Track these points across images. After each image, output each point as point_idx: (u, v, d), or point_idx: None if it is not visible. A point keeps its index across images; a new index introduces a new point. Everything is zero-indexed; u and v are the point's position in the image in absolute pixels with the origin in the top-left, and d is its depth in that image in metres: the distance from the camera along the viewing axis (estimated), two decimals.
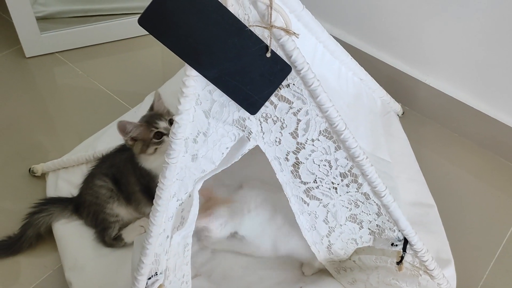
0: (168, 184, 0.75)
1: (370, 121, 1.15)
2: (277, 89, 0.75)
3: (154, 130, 1.04)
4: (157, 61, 1.78)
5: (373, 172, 0.81)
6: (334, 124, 0.77)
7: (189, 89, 0.71)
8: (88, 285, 1.05)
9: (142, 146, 1.04)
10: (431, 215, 1.15)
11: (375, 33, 1.52)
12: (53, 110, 1.58)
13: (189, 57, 0.69)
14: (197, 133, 0.76)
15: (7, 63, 1.69)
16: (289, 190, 0.88)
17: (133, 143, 1.06)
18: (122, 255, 1.10)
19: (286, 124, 0.80)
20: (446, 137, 1.49)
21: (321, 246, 0.96)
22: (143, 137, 1.05)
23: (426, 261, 0.90)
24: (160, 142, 1.04)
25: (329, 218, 0.92)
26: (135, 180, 1.11)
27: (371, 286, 0.97)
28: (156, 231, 0.78)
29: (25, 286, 1.11)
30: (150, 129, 1.04)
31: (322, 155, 0.83)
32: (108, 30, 1.76)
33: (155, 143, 1.04)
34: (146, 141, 1.04)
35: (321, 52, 1.02)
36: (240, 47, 0.70)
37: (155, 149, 1.04)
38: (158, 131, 1.04)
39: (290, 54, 0.71)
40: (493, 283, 1.16)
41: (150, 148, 1.04)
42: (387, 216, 0.87)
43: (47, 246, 1.18)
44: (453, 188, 1.35)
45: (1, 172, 1.36)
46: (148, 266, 0.79)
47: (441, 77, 1.44)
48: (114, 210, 1.13)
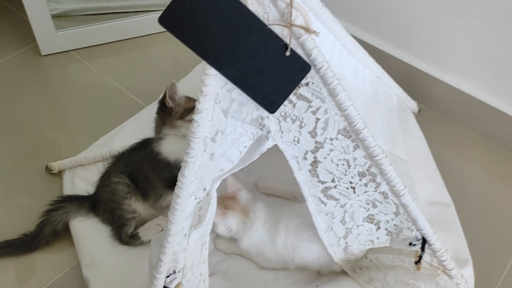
0: (187, 182, 0.75)
1: (387, 119, 1.14)
2: (296, 88, 0.75)
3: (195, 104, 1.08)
4: (170, 59, 1.78)
5: (392, 171, 0.81)
6: (353, 123, 0.76)
7: (208, 88, 0.70)
8: (105, 282, 1.06)
9: (184, 111, 1.08)
10: (448, 214, 1.14)
11: (391, 31, 1.51)
12: (67, 108, 1.59)
13: (209, 56, 0.69)
14: (216, 132, 0.76)
15: (23, 61, 1.71)
16: (307, 189, 0.88)
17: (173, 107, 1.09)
18: (139, 252, 1.10)
19: (305, 123, 0.79)
20: (463, 135, 1.48)
21: (338, 248, 0.96)
22: (186, 105, 1.09)
23: (445, 261, 0.90)
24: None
25: (346, 219, 0.91)
26: (156, 176, 1.12)
27: (389, 285, 0.96)
28: (175, 230, 0.78)
29: (43, 283, 1.13)
30: (192, 101, 1.09)
31: (340, 154, 0.82)
32: (122, 28, 1.77)
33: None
34: (188, 108, 1.09)
35: (339, 51, 1.01)
36: (259, 46, 0.69)
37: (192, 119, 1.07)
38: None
39: (309, 53, 0.70)
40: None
41: (189, 116, 1.07)
42: (405, 215, 0.87)
43: (64, 244, 1.19)
44: (470, 187, 1.34)
45: (17, 169, 1.38)
46: (166, 265, 0.79)
47: (458, 75, 1.42)
48: (131, 206, 1.14)
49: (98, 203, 1.18)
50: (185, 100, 1.10)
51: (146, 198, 1.16)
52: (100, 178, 1.20)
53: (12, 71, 1.67)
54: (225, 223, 1.04)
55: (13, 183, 1.34)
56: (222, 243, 1.12)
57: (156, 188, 1.14)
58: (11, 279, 1.14)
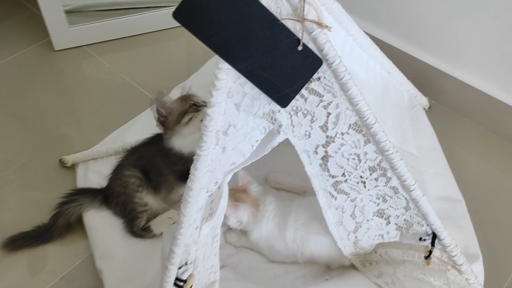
0: (199, 175, 0.76)
1: (398, 115, 1.14)
2: (307, 82, 0.75)
3: (191, 102, 1.09)
4: (182, 54, 1.80)
5: (402, 166, 0.81)
6: (365, 117, 0.77)
7: (221, 82, 0.71)
8: (118, 273, 1.07)
9: (178, 116, 1.08)
10: (459, 210, 1.14)
11: (402, 26, 1.50)
12: (80, 102, 1.61)
13: (222, 50, 0.70)
14: (228, 125, 0.77)
15: (36, 56, 1.73)
16: (317, 183, 0.88)
17: (168, 115, 1.09)
18: (151, 244, 1.12)
19: (316, 117, 0.80)
20: (474, 131, 1.47)
21: (348, 242, 0.97)
22: (179, 109, 1.09)
23: (455, 256, 0.90)
24: (196, 110, 1.08)
25: (356, 213, 0.92)
26: (168, 169, 1.13)
27: (398, 280, 0.97)
28: (187, 222, 0.79)
29: (57, 274, 1.15)
30: (187, 102, 1.09)
31: (351, 148, 0.83)
32: (134, 23, 1.79)
33: (192, 111, 1.08)
34: (181, 112, 1.08)
35: (350, 46, 1.01)
36: (272, 40, 0.70)
37: (189, 118, 1.08)
38: (195, 103, 1.09)
39: (322, 47, 0.71)
40: None
41: (186, 117, 1.08)
42: (415, 210, 0.87)
43: (77, 236, 1.21)
44: (480, 183, 1.33)
45: (31, 162, 1.40)
46: (178, 256, 0.80)
47: (469, 71, 1.42)
48: (143, 199, 1.16)
49: (110, 196, 1.20)
50: (178, 103, 1.10)
51: (158, 191, 1.17)
52: (113, 172, 1.22)
53: (26, 66, 1.69)
54: (236, 215, 1.05)
55: (27, 176, 1.36)
56: (233, 237, 1.13)
57: (168, 181, 1.15)
58: (26, 270, 1.16)
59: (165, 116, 1.09)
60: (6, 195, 1.32)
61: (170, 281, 0.81)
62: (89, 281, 1.13)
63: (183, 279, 0.82)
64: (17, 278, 1.14)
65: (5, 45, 1.76)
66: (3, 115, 1.54)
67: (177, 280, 0.82)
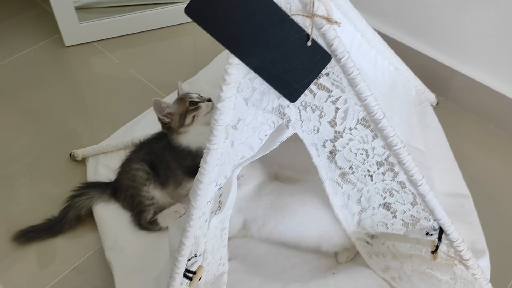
0: (209, 169, 0.77)
1: (405, 111, 1.15)
2: (316, 77, 0.76)
3: (188, 100, 1.11)
4: (190, 50, 1.81)
5: (410, 161, 0.82)
6: (373, 112, 0.77)
7: (231, 77, 0.72)
8: (127, 264, 1.09)
9: (180, 118, 1.10)
10: (466, 205, 1.14)
11: (410, 22, 1.50)
12: (89, 97, 1.63)
13: (232, 46, 0.71)
14: (238, 120, 0.78)
15: (47, 52, 1.75)
16: (324, 173, 0.90)
17: (170, 120, 1.11)
18: (159, 237, 1.14)
19: (324, 112, 0.81)
20: (481, 128, 1.47)
21: (352, 222, 0.98)
22: (179, 111, 1.11)
23: (462, 251, 0.90)
24: (197, 109, 1.10)
25: (362, 201, 0.93)
26: (176, 164, 1.15)
27: (405, 274, 0.98)
28: (197, 214, 0.80)
29: (68, 265, 1.17)
30: (184, 102, 1.11)
31: (359, 143, 0.84)
32: (143, 19, 1.80)
33: (192, 109, 1.10)
34: (182, 114, 1.10)
35: (358, 41, 1.02)
36: (281, 36, 0.71)
37: (192, 117, 1.10)
38: (192, 101, 1.11)
39: (331, 43, 0.72)
40: None
41: (188, 118, 1.10)
42: (422, 205, 0.88)
43: (87, 228, 1.23)
44: (489, 179, 1.34)
45: (41, 156, 1.42)
46: (188, 248, 0.82)
47: (478, 67, 1.41)
48: (150, 193, 1.17)
49: (119, 189, 1.22)
50: (176, 106, 1.12)
51: (165, 186, 1.19)
52: (121, 165, 1.24)
53: (37, 62, 1.71)
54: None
55: (37, 170, 1.38)
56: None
57: (175, 176, 1.17)
58: (38, 261, 1.18)
59: (167, 122, 1.12)
60: (16, 189, 1.34)
61: (180, 272, 0.83)
62: (99, 272, 1.14)
63: (193, 271, 0.84)
64: (29, 269, 1.17)
65: (17, 41, 1.78)
66: (15, 109, 1.56)
67: (186, 271, 0.83)
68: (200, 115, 1.11)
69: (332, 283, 0.99)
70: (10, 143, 1.46)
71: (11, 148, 1.44)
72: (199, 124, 1.11)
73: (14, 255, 1.19)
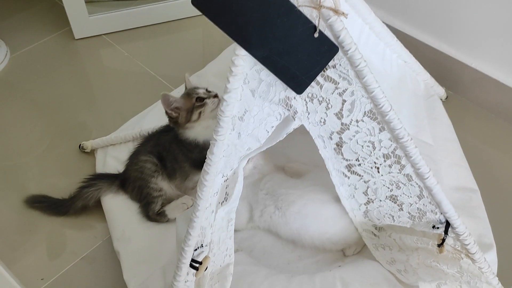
0: (216, 160, 0.78)
1: (414, 104, 1.14)
2: (323, 69, 0.76)
3: (195, 97, 1.12)
4: (198, 43, 1.82)
5: (417, 154, 0.81)
6: (380, 105, 0.77)
7: (238, 68, 0.73)
8: (134, 254, 1.11)
9: (187, 114, 1.11)
10: (474, 200, 1.13)
11: (420, 16, 1.49)
12: (98, 90, 1.64)
13: (239, 37, 0.71)
14: (244, 111, 0.78)
15: (57, 44, 1.77)
16: (331, 164, 0.90)
17: (177, 115, 1.12)
18: (166, 228, 1.15)
19: (331, 104, 0.81)
20: (491, 122, 1.46)
21: (358, 212, 0.98)
22: (186, 106, 1.11)
23: (468, 245, 0.90)
24: (203, 105, 1.11)
25: (369, 192, 0.93)
26: (183, 157, 1.16)
27: (411, 267, 0.98)
28: (203, 205, 0.81)
29: (78, 255, 1.19)
30: (191, 97, 1.12)
31: (366, 136, 0.83)
32: (152, 13, 1.81)
33: (198, 106, 1.11)
34: (189, 109, 1.11)
35: (366, 34, 1.02)
36: (288, 27, 0.71)
37: (199, 113, 1.11)
38: (198, 97, 1.12)
39: (338, 35, 0.72)
40: None
41: (195, 114, 1.11)
42: (429, 198, 0.87)
43: (97, 219, 1.25)
44: (497, 174, 1.33)
45: (51, 148, 1.44)
46: (195, 238, 0.82)
47: (488, 61, 1.40)
48: (158, 184, 1.18)
49: (127, 181, 1.23)
50: (183, 102, 1.12)
51: (173, 178, 1.20)
52: (130, 157, 1.25)
53: (47, 54, 1.73)
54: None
55: (47, 162, 1.40)
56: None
57: (183, 168, 1.17)
58: (47, 251, 1.21)
59: (175, 116, 1.12)
60: (27, 181, 1.36)
61: (186, 262, 0.84)
62: (108, 262, 1.16)
63: (199, 261, 0.85)
64: (40, 260, 1.19)
65: (28, 34, 1.80)
66: (25, 101, 1.58)
67: (193, 261, 0.84)
68: (207, 111, 1.11)
69: (338, 275, 0.99)
70: (21, 135, 1.48)
71: (22, 140, 1.47)
72: (205, 121, 1.12)
73: (27, 244, 1.21)
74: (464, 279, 0.92)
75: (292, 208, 1.06)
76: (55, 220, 1.26)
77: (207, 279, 0.91)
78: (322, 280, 0.98)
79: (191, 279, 0.88)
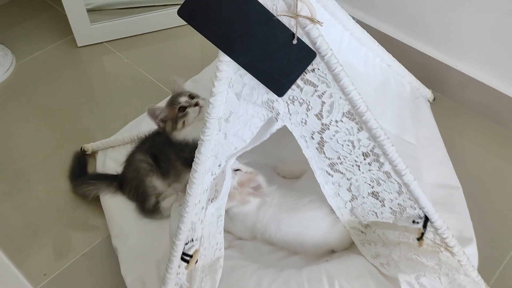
0: (203, 159, 0.83)
1: (397, 106, 1.18)
2: (303, 73, 0.81)
3: (177, 107, 1.17)
4: (196, 50, 1.87)
5: (393, 152, 0.86)
6: (357, 106, 0.82)
7: (222, 73, 0.78)
8: (131, 250, 1.16)
9: (172, 124, 1.17)
10: (455, 196, 1.17)
11: (406, 20, 1.53)
12: (101, 95, 1.70)
13: (223, 44, 0.77)
14: (229, 113, 0.83)
15: (60, 52, 1.84)
16: (314, 163, 0.94)
17: (164, 125, 1.18)
18: (161, 225, 1.20)
19: (311, 106, 0.86)
20: (477, 123, 1.50)
21: (345, 210, 1.02)
22: (171, 116, 1.18)
23: (446, 238, 0.94)
24: (184, 115, 1.16)
25: (352, 189, 0.97)
26: (175, 156, 1.21)
27: (393, 260, 1.02)
28: (192, 201, 0.86)
29: (78, 252, 1.24)
30: (173, 107, 1.17)
31: (345, 135, 0.88)
32: (152, 20, 1.87)
33: (181, 116, 1.16)
34: (173, 119, 1.17)
35: (347, 39, 1.06)
36: (268, 35, 0.76)
37: (182, 122, 1.17)
38: (180, 106, 1.17)
39: (314, 41, 0.77)
40: None
41: (179, 123, 1.17)
42: (408, 194, 0.92)
43: (97, 218, 1.30)
44: (484, 172, 1.37)
45: (56, 151, 1.49)
46: (185, 233, 0.88)
47: (473, 64, 1.44)
48: (153, 183, 1.24)
49: (124, 182, 1.28)
50: (168, 110, 1.18)
51: (166, 177, 1.25)
52: (127, 159, 1.30)
53: (51, 62, 1.80)
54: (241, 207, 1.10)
55: (52, 165, 1.45)
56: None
57: (175, 167, 1.23)
58: (51, 249, 1.26)
59: (162, 126, 1.18)
60: (33, 184, 1.41)
61: (178, 255, 0.89)
62: (106, 258, 1.22)
63: (190, 254, 0.90)
64: (44, 256, 1.24)
65: (33, 42, 1.87)
66: (31, 107, 1.64)
67: (184, 254, 0.89)
68: (189, 119, 1.17)
69: (324, 269, 1.03)
70: (27, 139, 1.53)
71: (28, 144, 1.52)
72: (191, 127, 1.18)
73: (29, 246, 1.26)
74: (443, 271, 0.96)
75: (293, 230, 1.10)
76: (58, 222, 1.31)
77: (198, 272, 0.96)
78: (309, 274, 1.02)
79: (183, 272, 0.93)
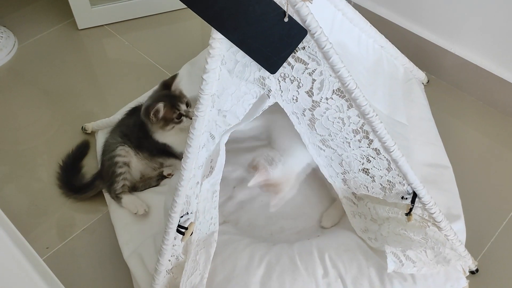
0: (197, 134, 0.85)
1: (389, 86, 1.20)
2: (294, 51, 0.84)
3: (177, 112, 1.20)
4: (196, 33, 1.89)
5: (382, 129, 0.88)
6: (346, 83, 0.84)
7: (215, 50, 0.80)
8: (128, 225, 1.21)
9: (164, 123, 1.20)
10: (445, 175, 1.20)
11: (402, 3, 1.54)
12: (102, 77, 1.73)
13: (215, 22, 0.79)
14: (223, 90, 0.86)
15: (61, 35, 1.86)
16: (307, 138, 0.97)
17: (156, 120, 1.20)
18: (158, 201, 1.21)
19: (302, 83, 0.88)
20: (470, 104, 1.52)
21: (337, 179, 1.05)
22: (166, 116, 1.20)
23: (434, 213, 0.97)
24: (179, 122, 1.20)
25: (343, 164, 1.00)
26: (148, 145, 1.25)
27: (381, 236, 1.05)
28: (187, 176, 0.89)
29: (79, 227, 1.29)
30: (173, 110, 1.20)
31: (335, 112, 0.91)
32: (152, 3, 1.89)
33: (176, 122, 1.20)
34: (167, 120, 1.19)
35: (339, 20, 1.08)
36: (260, 13, 0.78)
37: (173, 127, 1.20)
38: (180, 113, 1.20)
39: (304, 19, 0.79)
40: (504, 240, 1.22)
41: (170, 126, 1.20)
42: (396, 170, 0.95)
43: (98, 196, 1.34)
44: (476, 152, 1.39)
45: (58, 133, 1.52)
46: (180, 205, 0.91)
47: (467, 46, 1.46)
48: (124, 156, 1.25)
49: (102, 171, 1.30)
50: (166, 110, 1.19)
51: (140, 150, 1.27)
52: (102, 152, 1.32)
53: (52, 45, 1.82)
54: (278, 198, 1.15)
55: (56, 147, 1.47)
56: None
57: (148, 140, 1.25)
58: (53, 225, 1.30)
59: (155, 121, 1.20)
60: (37, 165, 1.44)
61: (173, 227, 0.92)
62: (106, 233, 1.26)
63: (185, 226, 0.93)
64: (46, 231, 1.28)
65: (34, 25, 1.89)
66: (33, 89, 1.67)
67: (179, 227, 0.93)
68: (179, 127, 1.21)
69: (315, 243, 1.06)
70: (30, 121, 1.56)
71: (31, 125, 1.55)
72: (177, 131, 1.22)
73: (35, 226, 1.30)
74: (429, 244, 0.99)
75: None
76: (62, 203, 1.34)
77: (193, 245, 1.00)
78: (300, 247, 1.06)
79: (178, 244, 0.96)
